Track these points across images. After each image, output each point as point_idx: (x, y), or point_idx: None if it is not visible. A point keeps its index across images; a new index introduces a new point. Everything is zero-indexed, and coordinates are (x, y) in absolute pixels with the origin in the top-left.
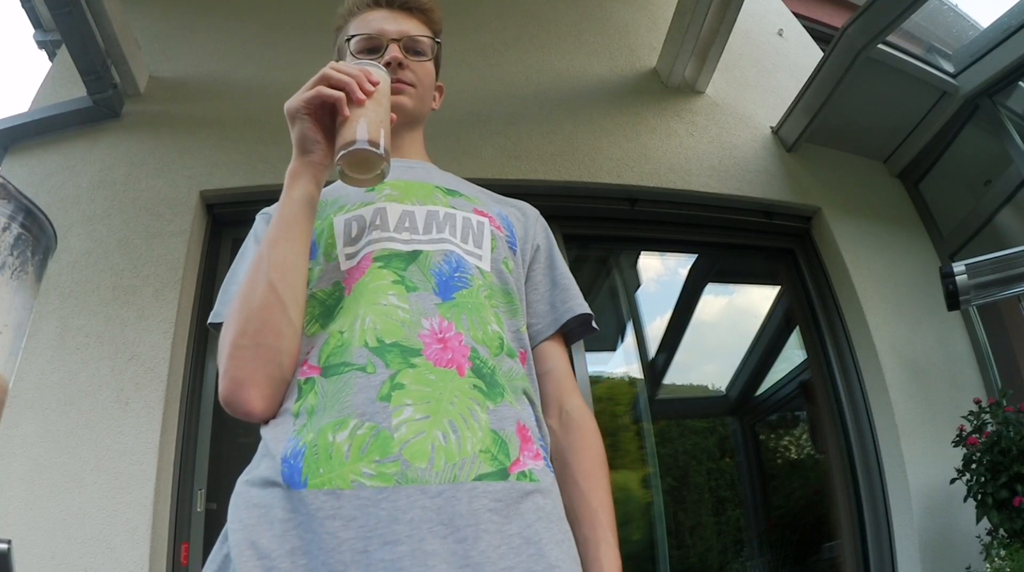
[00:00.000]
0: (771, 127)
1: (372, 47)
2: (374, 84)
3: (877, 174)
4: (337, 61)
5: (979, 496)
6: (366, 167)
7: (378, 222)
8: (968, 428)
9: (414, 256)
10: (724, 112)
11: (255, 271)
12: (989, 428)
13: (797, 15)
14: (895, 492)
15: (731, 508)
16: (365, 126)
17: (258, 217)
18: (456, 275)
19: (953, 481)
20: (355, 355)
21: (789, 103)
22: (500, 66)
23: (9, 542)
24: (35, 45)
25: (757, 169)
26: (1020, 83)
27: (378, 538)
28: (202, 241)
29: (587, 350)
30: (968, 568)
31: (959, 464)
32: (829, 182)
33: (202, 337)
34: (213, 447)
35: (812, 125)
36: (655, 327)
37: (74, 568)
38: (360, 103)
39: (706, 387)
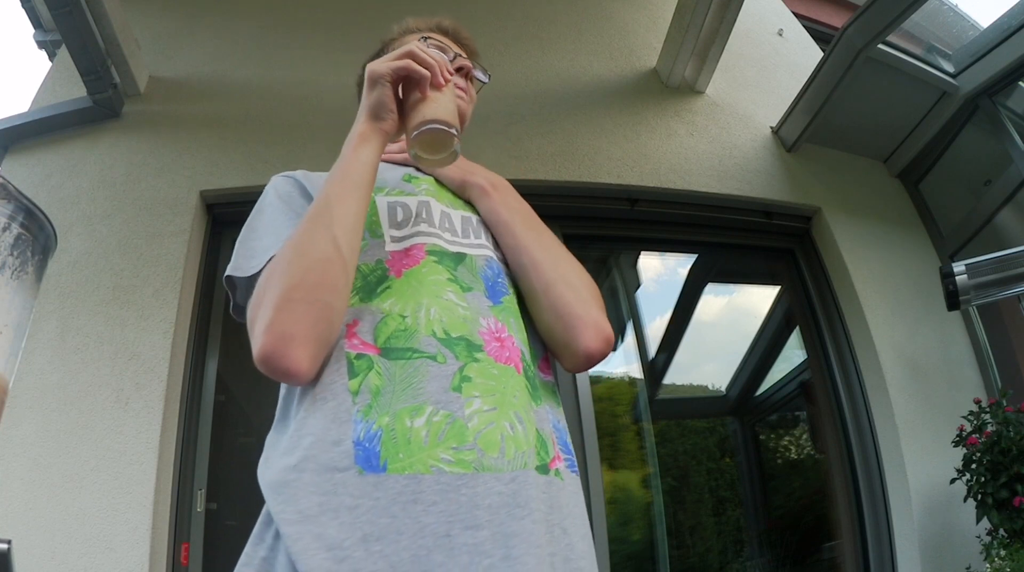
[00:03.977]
0: (771, 127)
1: (442, 51)
2: (450, 73)
3: (877, 174)
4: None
5: (979, 496)
6: (436, 148)
7: (424, 215)
8: (968, 428)
9: (460, 258)
10: (724, 112)
11: (315, 224)
12: (989, 428)
13: (797, 15)
14: (895, 492)
15: (731, 508)
16: (445, 108)
17: (277, 178)
18: (499, 281)
19: (953, 481)
20: (423, 343)
21: (789, 103)
22: (500, 66)
23: (9, 542)
24: (35, 45)
25: (757, 169)
26: (1020, 83)
27: (460, 522)
28: (202, 241)
29: None
30: (968, 568)
31: (959, 464)
32: (829, 182)
33: (202, 337)
34: (213, 447)
35: (812, 125)
36: (655, 327)
37: (74, 568)
38: (439, 87)
39: (706, 387)
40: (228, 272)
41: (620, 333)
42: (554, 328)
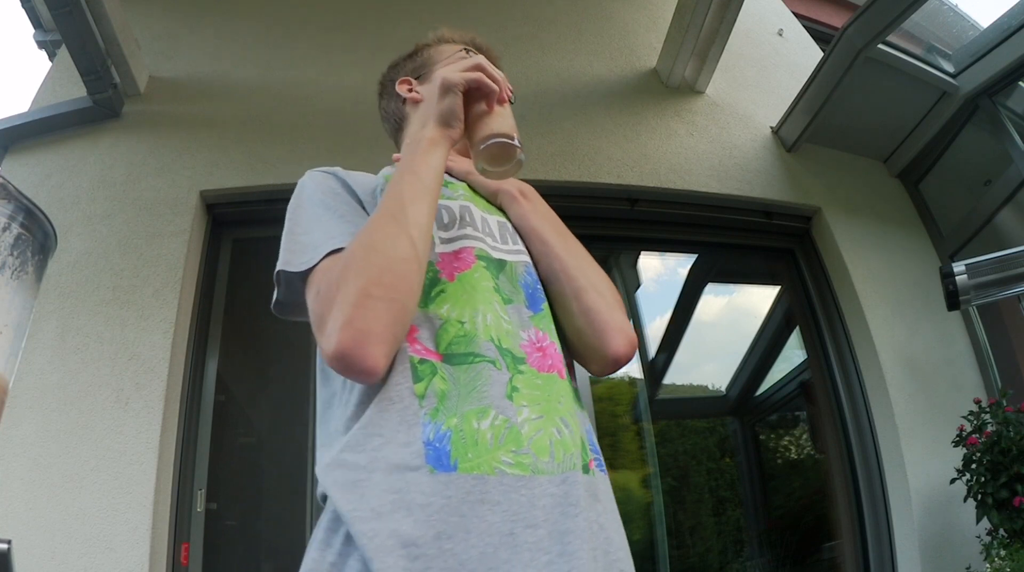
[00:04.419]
0: (771, 127)
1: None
2: (511, 91)
3: (877, 174)
4: (418, 66)
5: (979, 496)
6: (500, 161)
7: (468, 219)
8: (968, 428)
9: (502, 265)
10: (724, 112)
11: (391, 223)
12: (989, 428)
13: (797, 15)
14: (895, 492)
15: (731, 508)
16: (509, 123)
17: (317, 174)
18: (537, 288)
19: (953, 481)
20: (483, 347)
21: (789, 103)
22: (500, 66)
23: (9, 542)
24: (35, 45)
25: (757, 169)
26: (1020, 83)
27: (521, 521)
28: (202, 241)
29: None
30: (968, 568)
31: (959, 464)
32: (829, 182)
33: (202, 337)
34: (213, 447)
35: (812, 125)
36: (655, 327)
37: (74, 568)
38: (503, 102)
39: (706, 387)
40: (280, 266)
41: None
42: (584, 333)
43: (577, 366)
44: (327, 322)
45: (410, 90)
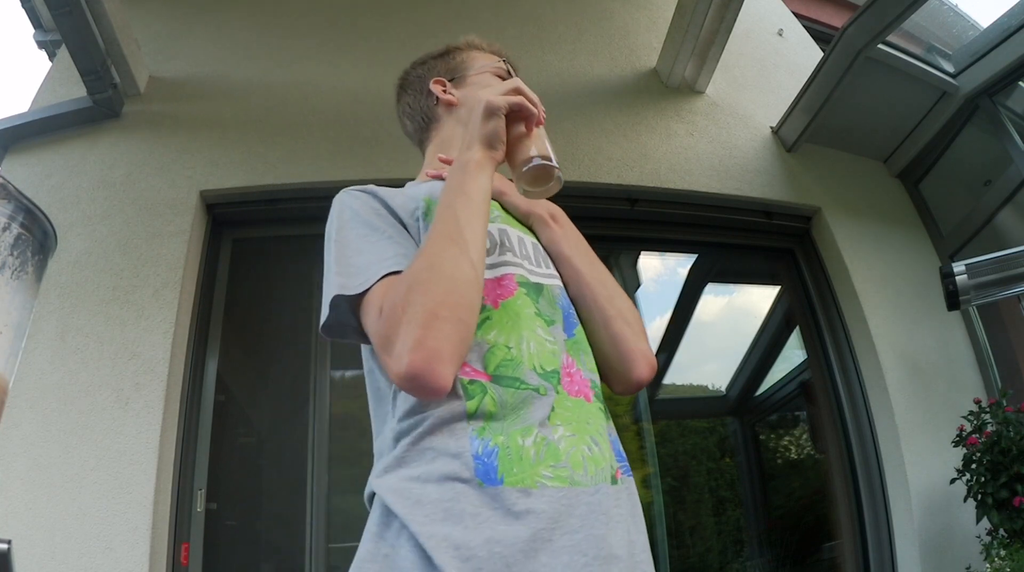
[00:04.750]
0: (771, 127)
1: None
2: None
3: (877, 174)
4: (454, 67)
5: (979, 496)
6: (540, 182)
7: (507, 243)
8: (968, 428)
9: (539, 289)
10: (724, 112)
11: (451, 246)
12: (989, 428)
13: (797, 15)
14: (895, 492)
15: (731, 508)
16: (547, 145)
17: (353, 194)
18: (571, 312)
19: (953, 481)
20: (527, 375)
21: (789, 103)
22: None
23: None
24: (35, 45)
25: (757, 169)
26: (1020, 83)
27: (560, 528)
28: (202, 241)
29: None
30: (968, 568)
31: (959, 464)
32: (829, 182)
33: (202, 337)
34: (213, 447)
35: (812, 125)
36: (655, 327)
37: (74, 568)
38: (540, 124)
39: (706, 387)
40: (336, 291)
41: None
42: (610, 358)
43: None
44: (395, 343)
45: (444, 91)
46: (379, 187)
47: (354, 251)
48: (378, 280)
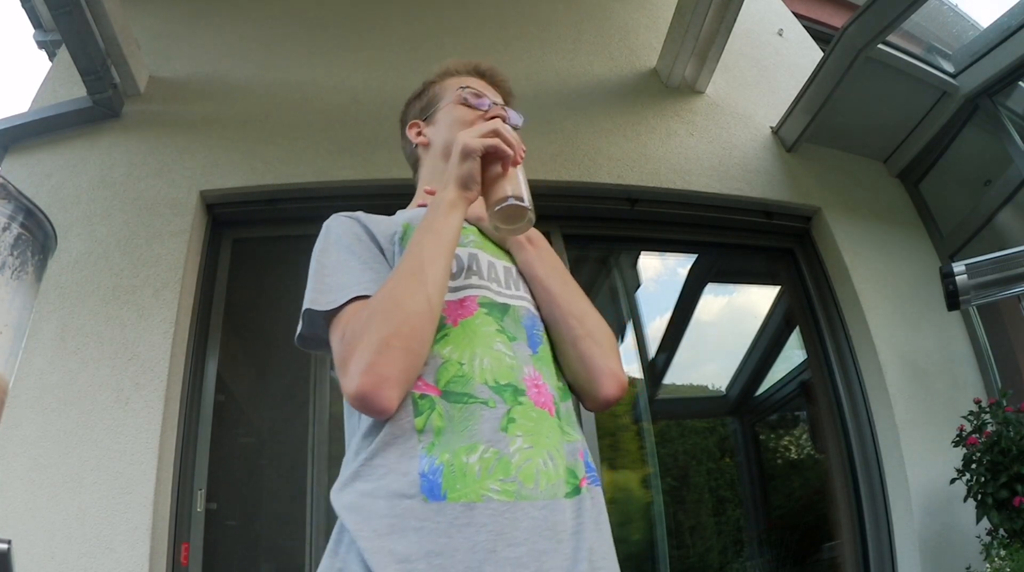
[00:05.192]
0: (771, 127)
1: (477, 103)
2: (524, 152)
3: (877, 174)
4: (424, 106)
5: (979, 496)
6: (513, 220)
7: (474, 268)
8: (968, 428)
9: (506, 309)
10: (724, 112)
11: (412, 280)
12: (989, 428)
13: (797, 15)
14: (895, 492)
15: (731, 508)
16: (521, 185)
17: (342, 219)
18: (535, 331)
19: (953, 481)
20: (477, 389)
21: (789, 103)
22: (500, 66)
23: (9, 542)
24: (35, 45)
25: (757, 169)
26: (1020, 83)
27: (503, 540)
28: (202, 241)
29: None
30: (968, 568)
31: (959, 464)
32: (829, 182)
33: (202, 337)
34: (213, 447)
35: (812, 125)
36: (655, 327)
37: (74, 568)
38: (516, 165)
39: (706, 387)
40: (307, 305)
41: (620, 333)
42: (579, 376)
43: None
44: (350, 365)
45: (419, 133)
46: (367, 214)
47: (330, 272)
48: (347, 302)
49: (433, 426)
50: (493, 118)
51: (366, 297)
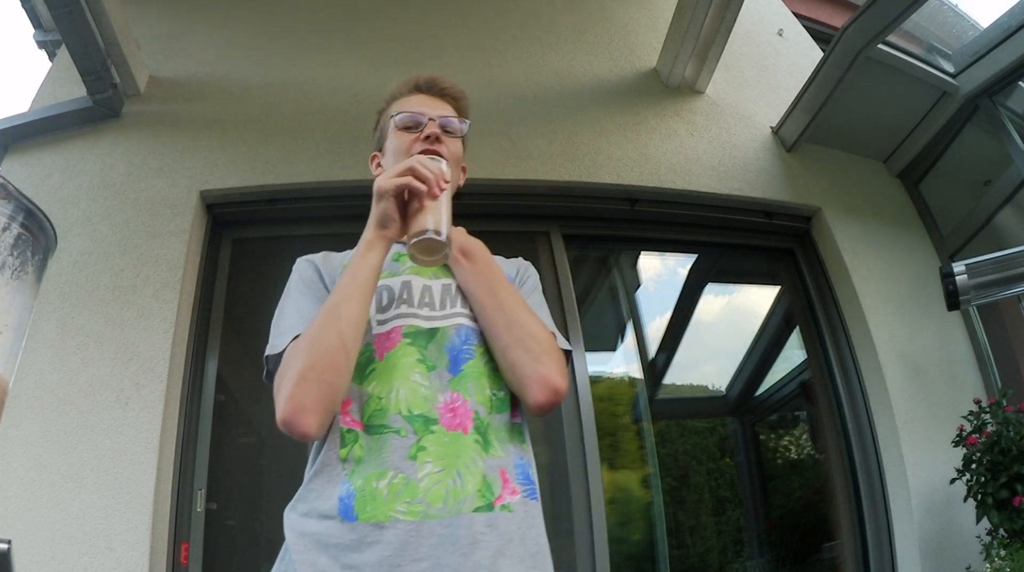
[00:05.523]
0: (771, 127)
1: (413, 124)
2: (446, 182)
3: (877, 174)
4: (379, 137)
5: (979, 496)
6: (430, 252)
7: (404, 296)
8: (968, 428)
9: (433, 333)
10: (724, 112)
11: (328, 320)
12: (989, 428)
13: (797, 15)
14: (895, 492)
15: (731, 508)
16: (438, 218)
17: (301, 262)
18: (464, 348)
19: (953, 481)
20: (391, 420)
21: (789, 103)
22: (500, 66)
23: (9, 542)
24: (35, 45)
25: (757, 169)
26: (1020, 83)
27: (408, 556)
28: (202, 241)
29: (587, 350)
30: (968, 568)
31: (959, 464)
32: (829, 182)
33: (202, 337)
34: (213, 447)
35: (812, 125)
36: (655, 327)
37: (74, 568)
38: (434, 197)
39: (706, 387)
40: (266, 352)
41: (620, 333)
42: (512, 384)
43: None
44: (278, 396)
45: (378, 165)
46: (328, 253)
47: (283, 317)
48: (289, 342)
49: (355, 456)
50: (428, 137)
51: None
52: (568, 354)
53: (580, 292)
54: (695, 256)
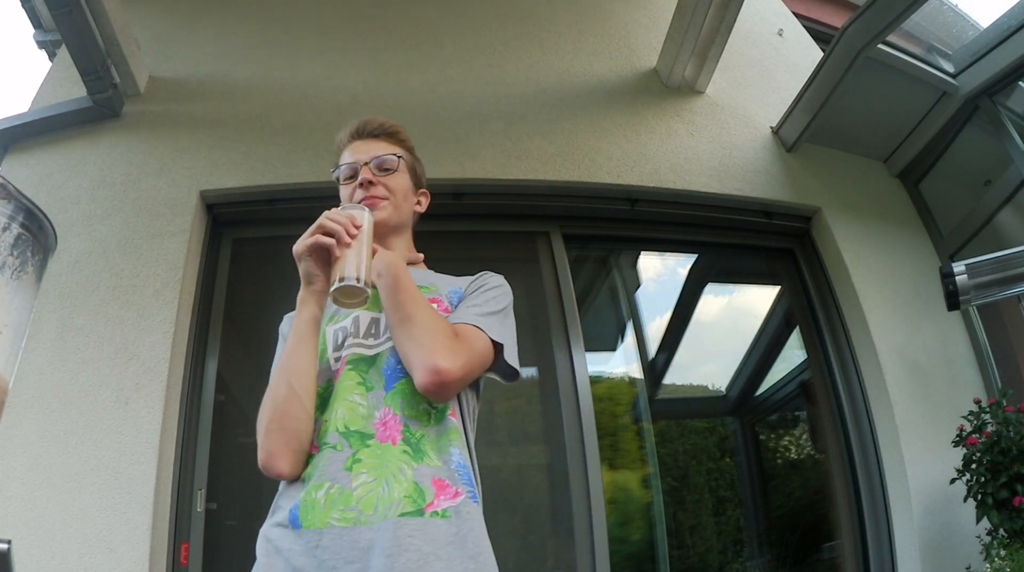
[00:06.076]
0: (771, 127)
1: (352, 174)
2: (357, 227)
3: (877, 174)
4: (337, 184)
5: (979, 496)
6: (351, 296)
7: (352, 330)
8: (968, 428)
9: (374, 359)
10: (724, 112)
11: (279, 374)
12: (989, 428)
13: (797, 15)
14: (895, 492)
15: (731, 508)
16: (352, 265)
17: (285, 319)
18: (398, 367)
19: (953, 481)
20: (331, 437)
21: (789, 103)
22: (500, 66)
23: (9, 542)
24: (35, 45)
25: (757, 169)
26: (1020, 83)
27: (343, 559)
28: (202, 241)
29: (587, 350)
30: (968, 568)
31: (959, 464)
32: (829, 182)
33: (202, 337)
34: (213, 447)
35: (812, 125)
36: (655, 327)
37: (74, 568)
38: (347, 245)
39: (706, 387)
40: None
41: (620, 333)
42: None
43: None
44: (258, 443)
45: None
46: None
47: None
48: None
49: (308, 474)
50: (362, 183)
51: None
52: (497, 346)
53: (580, 292)
54: (695, 256)
